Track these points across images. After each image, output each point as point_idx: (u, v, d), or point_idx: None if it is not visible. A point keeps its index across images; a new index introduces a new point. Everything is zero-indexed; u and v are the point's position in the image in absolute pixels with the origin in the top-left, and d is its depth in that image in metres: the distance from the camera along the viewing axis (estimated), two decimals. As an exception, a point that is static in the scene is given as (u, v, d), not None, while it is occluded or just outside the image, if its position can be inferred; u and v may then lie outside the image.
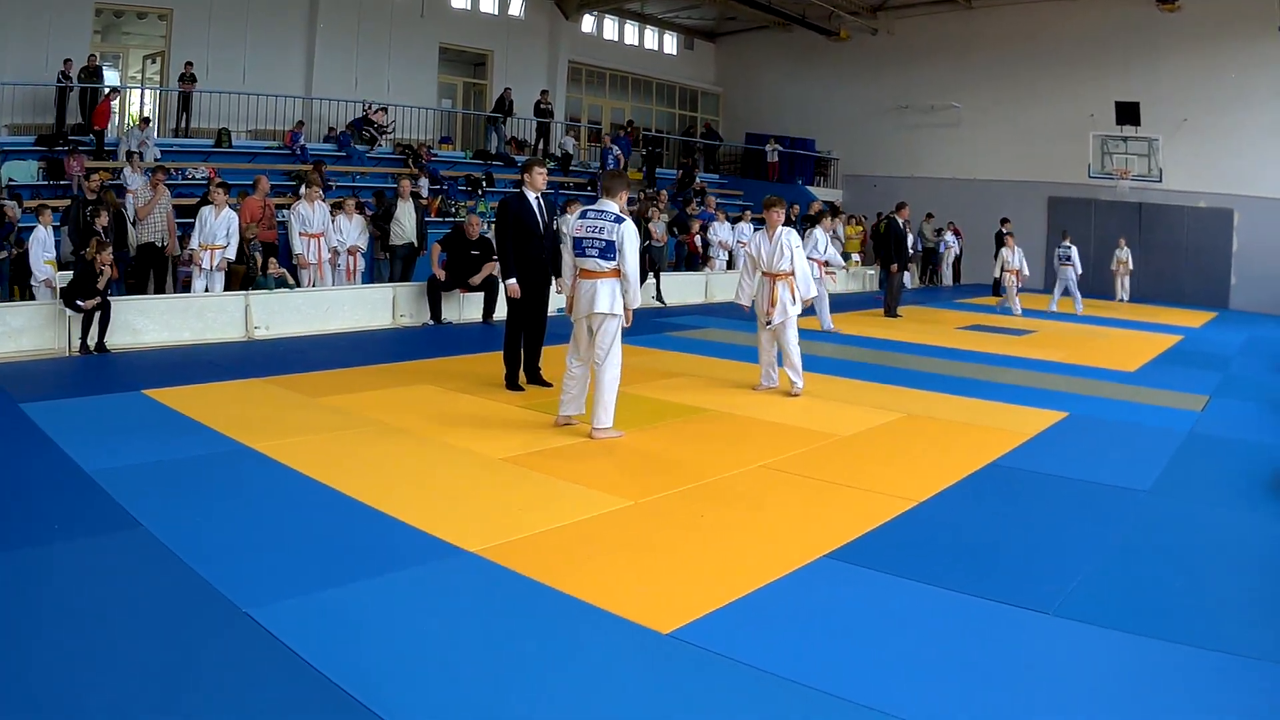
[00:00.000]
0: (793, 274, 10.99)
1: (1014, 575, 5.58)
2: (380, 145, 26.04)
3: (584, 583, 5.24)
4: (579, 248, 8.76)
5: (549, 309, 11.23)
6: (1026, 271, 23.50)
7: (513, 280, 10.75)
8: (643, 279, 21.11)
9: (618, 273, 8.66)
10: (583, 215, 8.90)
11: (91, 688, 3.99)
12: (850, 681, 4.24)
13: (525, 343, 11.22)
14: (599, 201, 8.99)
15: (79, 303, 12.39)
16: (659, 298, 21.73)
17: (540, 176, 10.91)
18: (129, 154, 19.19)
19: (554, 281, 10.91)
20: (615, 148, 28.15)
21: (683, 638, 4.63)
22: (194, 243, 14.92)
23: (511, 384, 11.07)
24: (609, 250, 8.60)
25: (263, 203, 16.64)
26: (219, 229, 14.92)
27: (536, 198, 10.92)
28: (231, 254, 15.18)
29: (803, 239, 12.90)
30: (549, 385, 10.93)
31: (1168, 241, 29.15)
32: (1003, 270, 23.52)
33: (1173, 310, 25.48)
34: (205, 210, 14.99)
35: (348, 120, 25.99)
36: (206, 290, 14.74)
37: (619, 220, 8.67)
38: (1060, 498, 7.38)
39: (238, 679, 4.13)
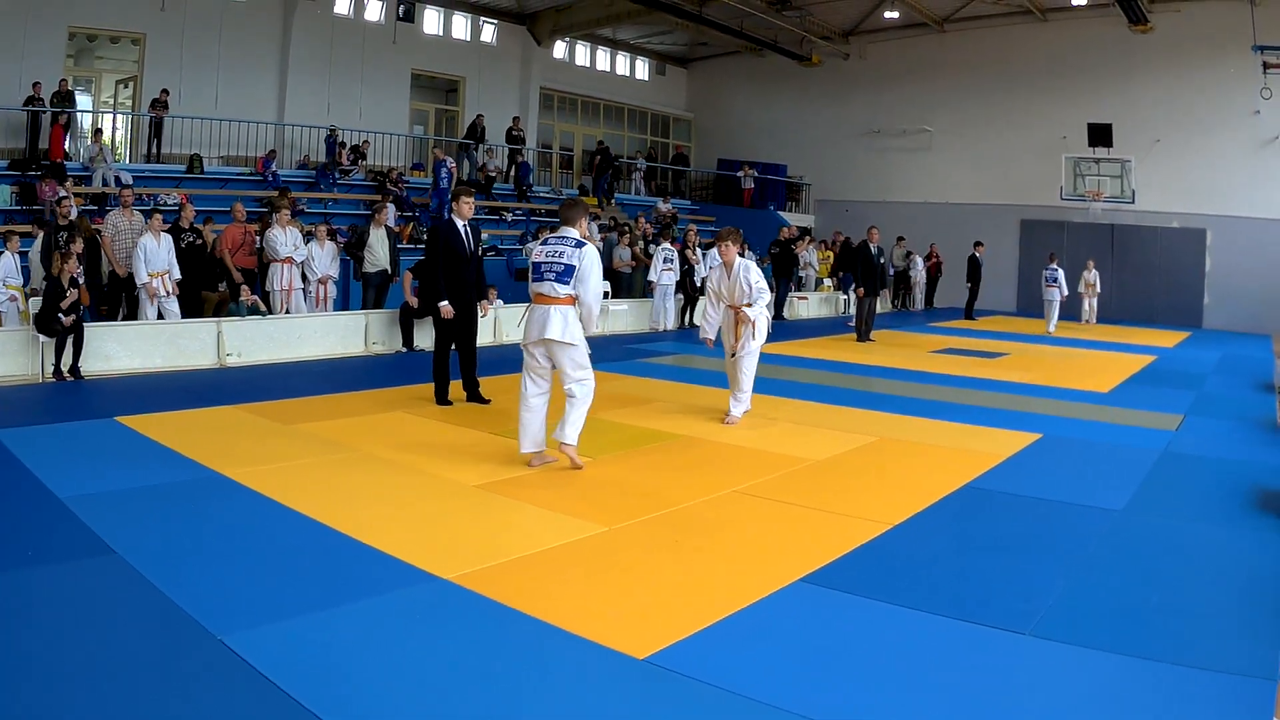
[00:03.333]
0: (745, 307, 10.75)
1: (989, 596, 5.59)
2: (355, 173, 25.99)
3: (559, 609, 5.22)
4: (537, 272, 8.52)
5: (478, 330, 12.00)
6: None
7: (445, 303, 11.38)
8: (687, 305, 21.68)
9: (573, 300, 8.41)
10: (544, 242, 8.77)
11: (63, 714, 3.96)
12: (827, 705, 4.23)
13: (461, 362, 11.79)
14: (560, 229, 8.76)
15: (60, 317, 12.30)
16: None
17: (467, 205, 11.63)
18: (102, 177, 19.20)
19: (479, 304, 11.84)
20: (448, 160, 26.62)
21: (659, 663, 4.61)
22: (142, 275, 14.71)
23: (441, 399, 11.63)
24: (566, 274, 8.35)
25: (243, 229, 16.60)
26: (162, 254, 14.88)
27: (464, 225, 11.53)
28: (177, 274, 15.14)
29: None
30: (488, 402, 11.61)
31: (1141, 262, 29.39)
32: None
33: (1146, 330, 25.68)
34: (145, 240, 14.81)
35: (319, 146, 26.03)
36: (160, 317, 14.66)
37: (579, 245, 8.48)
38: (1035, 519, 7.39)
39: (212, 706, 4.09)
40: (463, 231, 11.44)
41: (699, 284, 21.76)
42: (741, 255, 10.96)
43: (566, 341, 8.33)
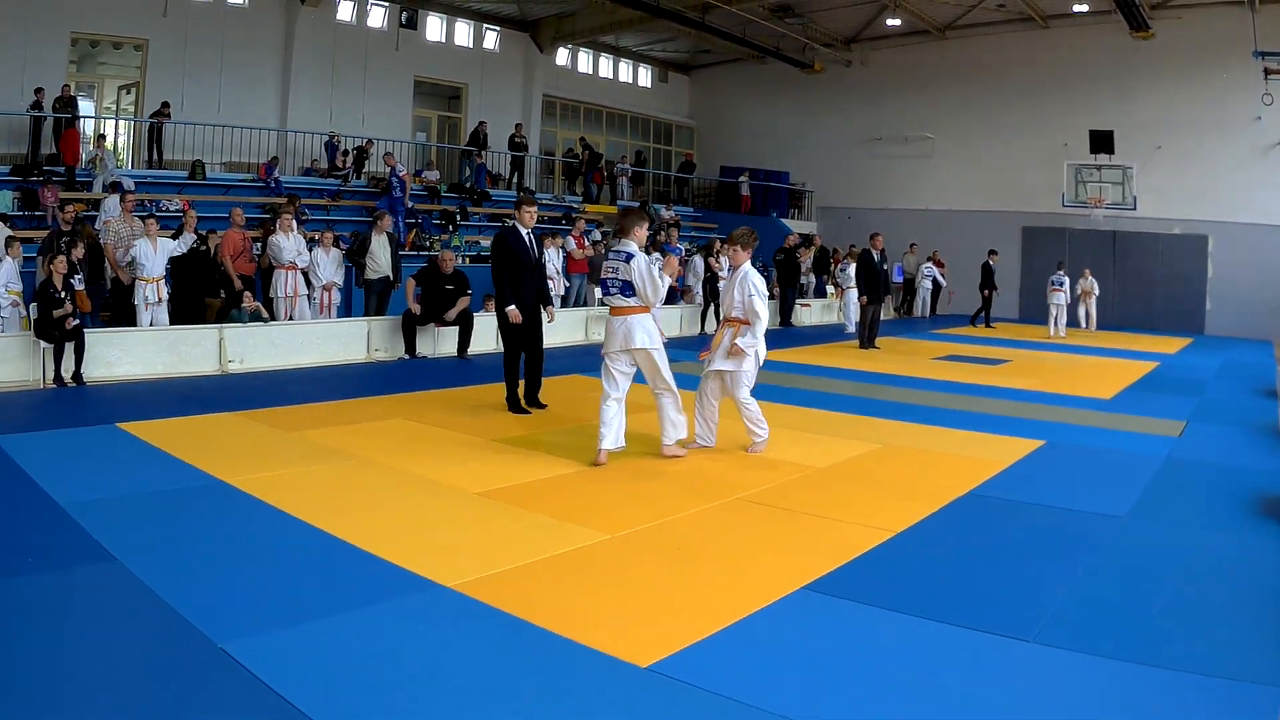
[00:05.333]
0: (745, 322, 9.49)
1: (993, 603, 5.57)
2: (354, 179, 25.95)
3: (561, 617, 5.20)
4: (604, 286, 9.17)
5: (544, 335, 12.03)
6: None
7: (513, 307, 11.41)
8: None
9: (645, 309, 8.98)
10: (607, 256, 9.36)
11: (61, 725, 3.95)
12: (831, 714, 4.23)
13: (526, 368, 11.82)
14: (620, 242, 9.29)
15: (56, 321, 12.31)
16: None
17: (529, 214, 11.70)
18: (110, 185, 19.25)
19: (544, 310, 11.92)
20: (399, 166, 25.48)
21: (662, 671, 4.59)
22: (135, 269, 14.77)
23: (513, 407, 11.65)
24: (628, 289, 8.93)
25: (243, 235, 16.60)
26: (159, 259, 14.91)
27: (528, 232, 11.66)
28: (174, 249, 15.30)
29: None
30: (544, 407, 11.74)
31: (1143, 269, 29.40)
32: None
33: (1149, 337, 25.66)
34: (142, 243, 14.84)
35: (322, 152, 26.07)
36: (152, 324, 14.65)
37: (629, 258, 8.95)
38: (1038, 525, 7.38)
39: (213, 714, 4.07)
40: (526, 238, 11.62)
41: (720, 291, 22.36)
42: (754, 263, 10.29)
43: (651, 348, 9.00)
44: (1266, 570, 6.40)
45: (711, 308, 23.08)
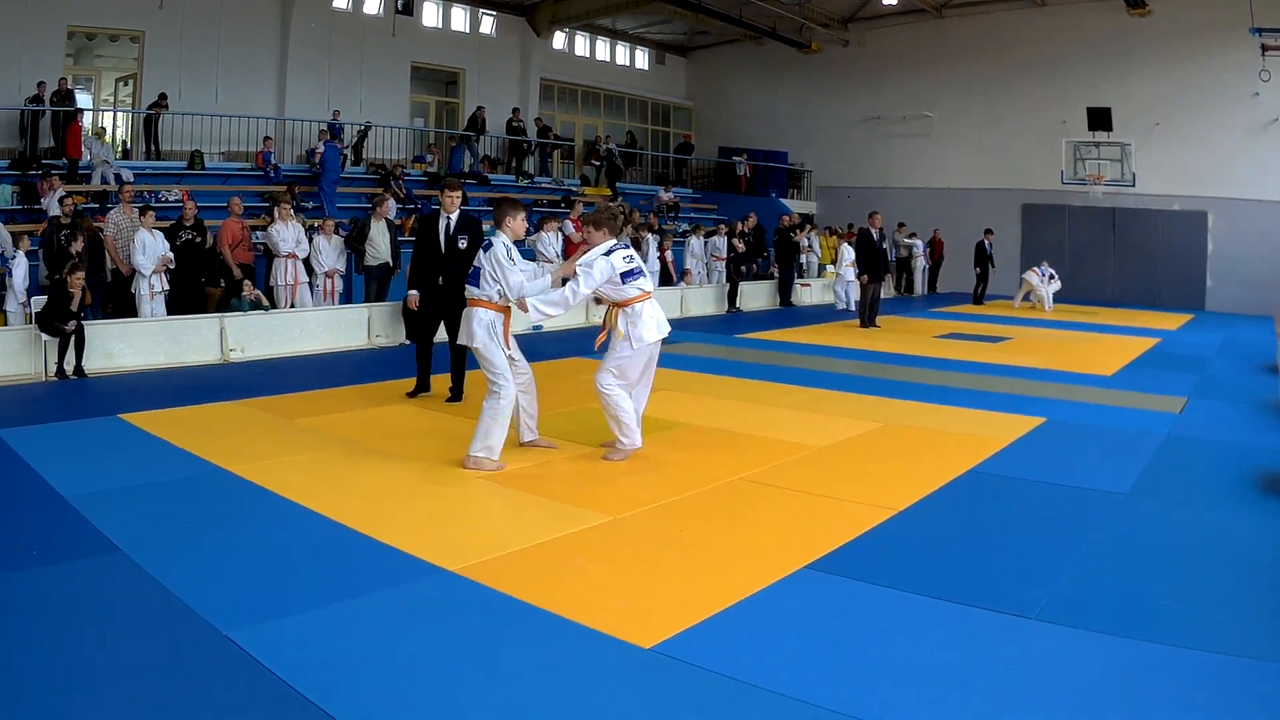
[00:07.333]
0: (618, 305, 8.48)
1: (995, 581, 5.59)
2: (350, 165, 25.83)
3: (564, 599, 5.23)
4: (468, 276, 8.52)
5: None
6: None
7: (413, 292, 11.41)
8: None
9: (487, 303, 8.22)
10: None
11: (71, 713, 3.97)
12: (834, 692, 4.24)
13: (451, 358, 11.54)
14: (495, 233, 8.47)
15: (56, 324, 12.32)
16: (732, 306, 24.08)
17: (447, 199, 11.18)
18: (110, 179, 19.25)
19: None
20: (321, 146, 24.13)
21: (665, 652, 4.62)
22: (144, 267, 14.73)
23: (413, 392, 11.64)
24: (474, 277, 8.31)
25: (241, 224, 16.59)
26: (158, 249, 14.93)
27: (447, 218, 11.21)
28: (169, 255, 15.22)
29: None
30: (454, 399, 11.38)
31: (1143, 245, 29.36)
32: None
33: (1149, 313, 25.64)
34: (142, 235, 14.82)
35: (318, 141, 25.95)
36: (152, 315, 14.65)
37: (487, 247, 8.27)
38: (1040, 503, 7.40)
39: (219, 703, 4.09)
40: (441, 224, 11.19)
41: (743, 270, 24.60)
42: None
43: (474, 346, 8.23)
44: (1267, 547, 6.42)
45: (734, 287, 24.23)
